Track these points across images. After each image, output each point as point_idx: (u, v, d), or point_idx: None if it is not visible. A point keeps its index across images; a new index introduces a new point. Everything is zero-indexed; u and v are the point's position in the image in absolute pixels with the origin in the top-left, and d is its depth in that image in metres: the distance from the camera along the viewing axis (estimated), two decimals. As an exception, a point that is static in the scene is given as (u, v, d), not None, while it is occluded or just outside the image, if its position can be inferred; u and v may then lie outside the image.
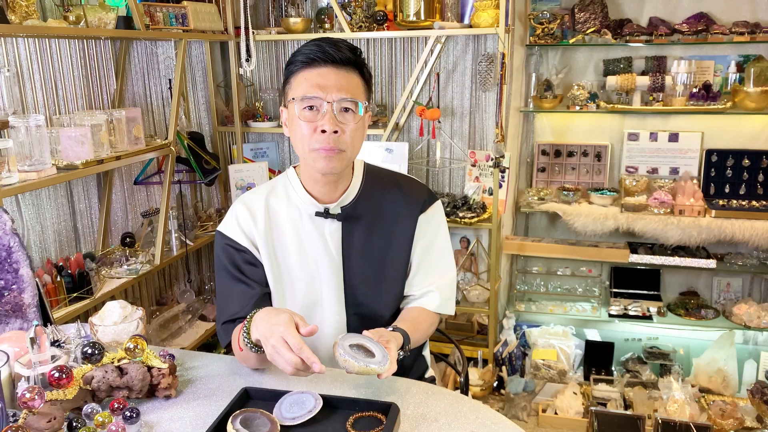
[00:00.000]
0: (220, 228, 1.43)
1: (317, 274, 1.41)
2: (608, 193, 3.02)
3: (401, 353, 1.24)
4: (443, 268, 1.47)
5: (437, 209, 1.49)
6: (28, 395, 1.00)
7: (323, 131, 1.27)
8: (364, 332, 1.20)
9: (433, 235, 1.46)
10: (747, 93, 2.71)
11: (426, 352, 1.63)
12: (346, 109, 1.29)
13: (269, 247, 1.40)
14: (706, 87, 2.82)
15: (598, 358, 2.99)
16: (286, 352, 1.07)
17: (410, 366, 1.54)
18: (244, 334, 1.19)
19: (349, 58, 1.29)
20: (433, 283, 1.44)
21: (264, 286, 1.40)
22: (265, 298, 1.40)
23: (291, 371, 1.08)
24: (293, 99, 1.30)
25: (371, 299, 1.42)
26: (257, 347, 1.18)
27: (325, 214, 1.39)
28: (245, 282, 1.39)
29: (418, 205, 1.45)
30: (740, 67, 2.85)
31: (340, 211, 1.40)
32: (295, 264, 1.41)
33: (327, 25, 2.96)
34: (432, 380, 1.60)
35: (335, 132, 1.27)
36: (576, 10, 2.98)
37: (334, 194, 1.40)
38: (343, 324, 1.43)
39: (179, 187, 2.77)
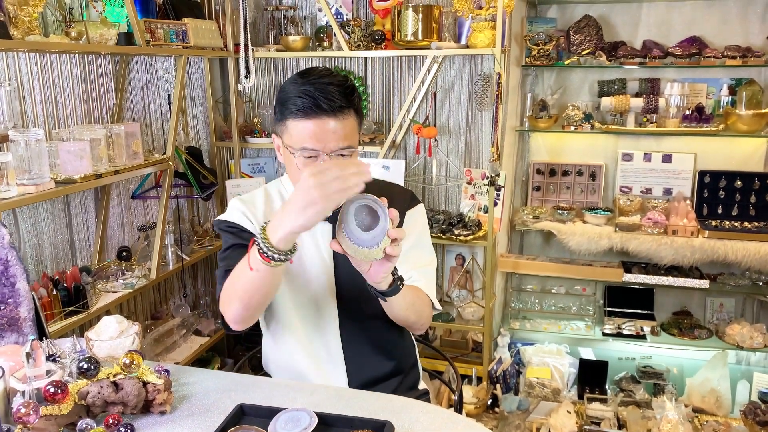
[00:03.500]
0: (220, 216, 1.47)
1: (308, 275, 1.43)
2: (602, 212, 3.05)
3: (394, 279, 1.24)
4: (424, 261, 1.49)
5: (421, 210, 1.54)
6: (23, 410, 1.01)
7: None
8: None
9: (420, 232, 1.50)
10: (739, 116, 2.75)
11: (419, 364, 1.66)
12: (343, 153, 1.32)
13: None
14: (699, 109, 2.86)
15: (592, 376, 3.00)
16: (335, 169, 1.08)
17: (406, 373, 1.56)
18: (263, 246, 1.13)
19: (343, 105, 1.30)
20: (413, 269, 1.44)
21: None
22: None
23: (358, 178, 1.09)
24: (291, 148, 1.32)
25: (363, 299, 1.43)
26: (282, 253, 1.14)
27: None
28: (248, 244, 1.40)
29: (405, 203, 1.50)
30: (732, 90, 2.89)
31: (331, 213, 1.43)
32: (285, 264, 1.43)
33: (326, 44, 2.99)
34: (425, 393, 1.61)
35: None
36: (571, 32, 3.02)
37: None
38: (336, 325, 1.45)
39: (176, 201, 2.78)
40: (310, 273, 1.43)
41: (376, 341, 1.48)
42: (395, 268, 1.24)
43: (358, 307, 1.45)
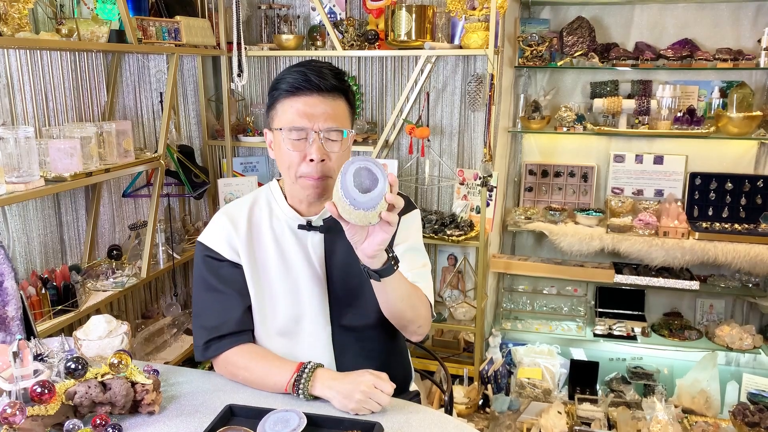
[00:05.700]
0: (201, 238, 1.44)
1: (299, 287, 1.41)
2: (594, 213, 3.06)
3: (389, 259, 1.22)
4: (419, 264, 1.47)
5: (417, 216, 1.51)
6: (9, 410, 1.00)
7: (311, 160, 1.29)
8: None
9: (415, 236, 1.48)
10: (730, 118, 2.77)
11: (411, 369, 1.65)
12: (332, 137, 1.31)
13: (251, 258, 1.41)
14: (690, 111, 2.87)
15: (582, 377, 3.01)
16: (381, 395, 1.21)
17: (399, 380, 1.55)
18: (302, 387, 1.25)
19: (334, 85, 1.30)
20: (409, 271, 1.42)
21: (245, 297, 1.40)
22: (247, 312, 1.40)
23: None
24: (281, 129, 1.31)
25: (356, 310, 1.42)
26: (311, 396, 1.26)
27: (308, 226, 1.40)
28: (225, 293, 1.39)
29: (399, 209, 1.47)
30: (723, 93, 2.91)
31: (322, 224, 1.42)
32: (275, 277, 1.41)
33: (319, 43, 2.99)
34: (416, 395, 1.61)
35: (322, 160, 1.30)
36: (564, 34, 3.03)
37: (317, 208, 1.41)
38: (328, 336, 1.43)
39: (168, 200, 2.77)
40: (302, 285, 1.41)
41: (369, 351, 1.46)
42: (391, 249, 1.22)
43: (351, 318, 1.43)
